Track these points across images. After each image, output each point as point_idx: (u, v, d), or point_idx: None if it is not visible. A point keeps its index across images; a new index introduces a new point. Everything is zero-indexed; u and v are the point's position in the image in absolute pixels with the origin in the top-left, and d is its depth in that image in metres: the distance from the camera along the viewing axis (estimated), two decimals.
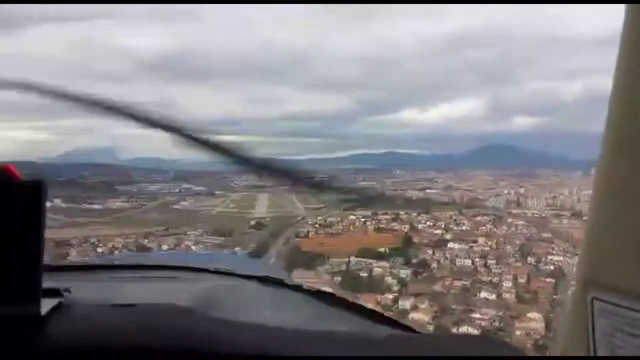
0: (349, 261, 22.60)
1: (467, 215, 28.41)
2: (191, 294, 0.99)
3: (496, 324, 17.08)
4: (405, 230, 26.22)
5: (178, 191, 31.02)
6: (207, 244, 23.96)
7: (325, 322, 1.05)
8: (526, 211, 29.67)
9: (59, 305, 0.73)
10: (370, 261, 22.47)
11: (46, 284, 0.70)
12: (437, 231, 26.14)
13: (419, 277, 21.57)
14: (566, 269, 20.04)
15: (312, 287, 1.16)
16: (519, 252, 23.66)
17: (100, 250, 20.67)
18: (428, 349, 0.73)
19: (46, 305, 0.70)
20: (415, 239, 25.16)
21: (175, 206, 29.33)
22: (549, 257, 21.94)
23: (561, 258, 21.14)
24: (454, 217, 27.93)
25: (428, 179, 38.30)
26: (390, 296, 19.35)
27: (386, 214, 28.95)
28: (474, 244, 24.29)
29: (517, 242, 24.63)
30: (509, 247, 24.25)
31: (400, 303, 18.66)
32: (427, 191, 34.82)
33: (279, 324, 0.79)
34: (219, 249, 23.13)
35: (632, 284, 0.49)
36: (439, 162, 46.24)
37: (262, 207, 30.64)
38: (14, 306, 0.67)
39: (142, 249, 20.91)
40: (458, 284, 20.45)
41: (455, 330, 15.82)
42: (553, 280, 19.87)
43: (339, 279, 21.17)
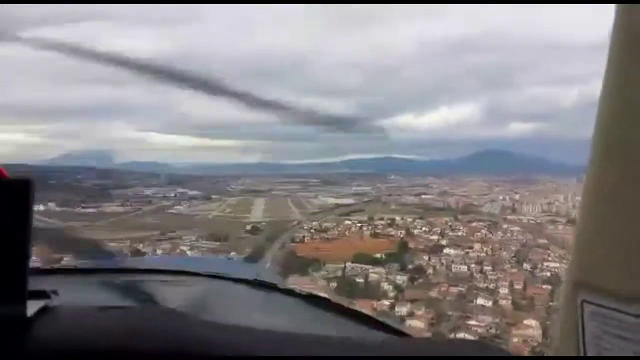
0: (345, 267, 22.55)
1: (462, 221, 28.46)
2: (182, 296, 0.98)
3: (493, 330, 17.05)
4: (401, 236, 26.22)
5: (173, 195, 30.93)
6: (202, 249, 23.86)
7: (317, 326, 1.04)
8: (521, 217, 29.72)
9: (45, 307, 0.71)
10: (366, 267, 22.43)
11: (33, 287, 0.69)
12: (433, 237, 26.15)
13: (415, 283, 21.54)
14: (563, 275, 20.02)
15: (304, 291, 1.15)
16: (514, 259, 23.66)
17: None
18: (422, 354, 0.72)
19: (32, 307, 0.69)
20: (411, 245, 25.16)
21: (170, 210, 29.23)
22: (545, 263, 21.94)
23: (557, 264, 21.12)
24: (449, 223, 27.97)
25: (424, 185, 38.34)
26: (387, 302, 19.31)
27: (382, 219, 28.99)
28: (470, 249, 24.30)
29: (513, 248, 24.64)
30: (504, 253, 24.27)
31: (397, 309, 18.62)
32: (423, 197, 34.88)
33: (270, 327, 0.78)
34: (215, 253, 23.03)
35: (621, 287, 0.49)
36: (435, 168, 46.27)
37: (258, 211, 30.61)
38: None
39: (137, 254, 20.80)
40: (454, 290, 20.43)
41: (451, 337, 15.77)
42: (549, 287, 19.86)
43: (334, 284, 21.11)
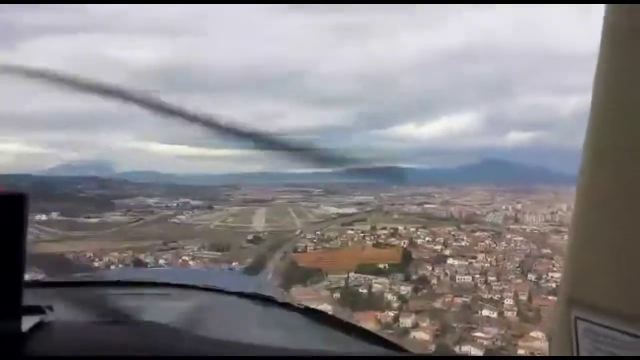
0: (348, 277, 22.33)
1: (465, 230, 28.33)
2: (178, 311, 0.98)
3: (499, 343, 16.82)
4: (405, 246, 26.04)
5: (175, 205, 30.87)
6: (204, 259, 23.69)
7: (315, 341, 1.03)
8: (525, 227, 29.62)
9: (40, 323, 0.71)
10: (370, 277, 22.23)
11: (28, 300, 0.69)
12: (437, 247, 25.99)
13: (419, 293, 21.33)
14: None
15: (302, 305, 1.13)
16: (519, 269, 23.51)
17: (96, 264, 20.33)
18: None
19: (27, 323, 0.69)
20: (415, 255, 24.98)
21: (172, 220, 29.13)
22: (550, 274, 21.73)
23: None
24: (452, 233, 27.84)
25: (426, 194, 38.27)
26: (391, 314, 19.10)
27: (384, 228, 28.85)
28: (474, 260, 24.16)
29: (517, 258, 24.50)
30: (508, 263, 24.12)
31: (401, 320, 18.42)
32: (425, 206, 34.80)
33: (267, 342, 0.80)
34: (216, 263, 22.88)
35: (614, 302, 0.49)
36: (436, 177, 46.31)
37: (259, 221, 30.49)
38: None
39: (139, 264, 20.62)
40: (459, 301, 20.26)
41: (457, 350, 15.55)
42: (555, 298, 19.63)
43: (337, 295, 20.89)
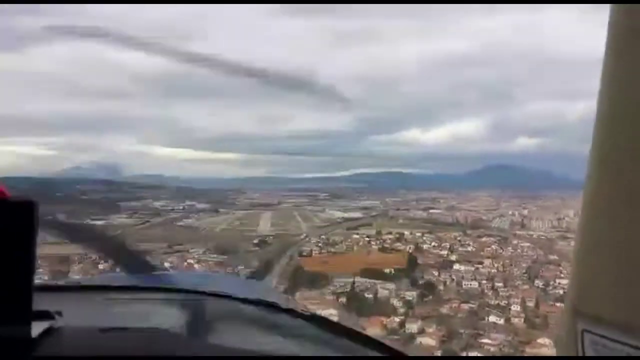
0: (354, 282, 22.22)
1: (472, 236, 28.21)
2: (183, 317, 1.00)
3: (506, 349, 16.66)
4: (410, 251, 25.92)
5: (181, 208, 30.92)
6: (209, 262, 23.67)
7: (319, 348, 1.03)
8: (531, 232, 29.48)
9: (49, 329, 0.72)
10: (376, 282, 22.10)
11: (37, 305, 0.69)
12: (443, 252, 25.85)
13: (425, 299, 21.19)
14: None
15: (306, 311, 1.13)
16: (526, 275, 23.33)
17: (101, 267, 20.31)
18: None
19: (37, 328, 0.69)
20: (421, 260, 24.85)
21: (178, 223, 29.17)
22: (557, 280, 21.53)
23: None
24: (458, 238, 27.72)
25: (431, 199, 38.23)
26: (397, 319, 18.96)
27: (390, 233, 28.78)
28: (480, 265, 24.00)
29: (524, 264, 24.32)
30: (515, 269, 23.95)
31: (407, 326, 18.28)
32: (431, 211, 34.74)
33: (271, 349, 0.81)
34: (222, 267, 22.84)
35: (620, 312, 0.48)
36: (442, 182, 46.25)
37: (265, 224, 30.50)
38: (3, 328, 0.66)
39: None
40: (465, 307, 20.10)
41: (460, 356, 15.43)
42: (563, 305, 19.45)
43: (343, 300, 20.78)
